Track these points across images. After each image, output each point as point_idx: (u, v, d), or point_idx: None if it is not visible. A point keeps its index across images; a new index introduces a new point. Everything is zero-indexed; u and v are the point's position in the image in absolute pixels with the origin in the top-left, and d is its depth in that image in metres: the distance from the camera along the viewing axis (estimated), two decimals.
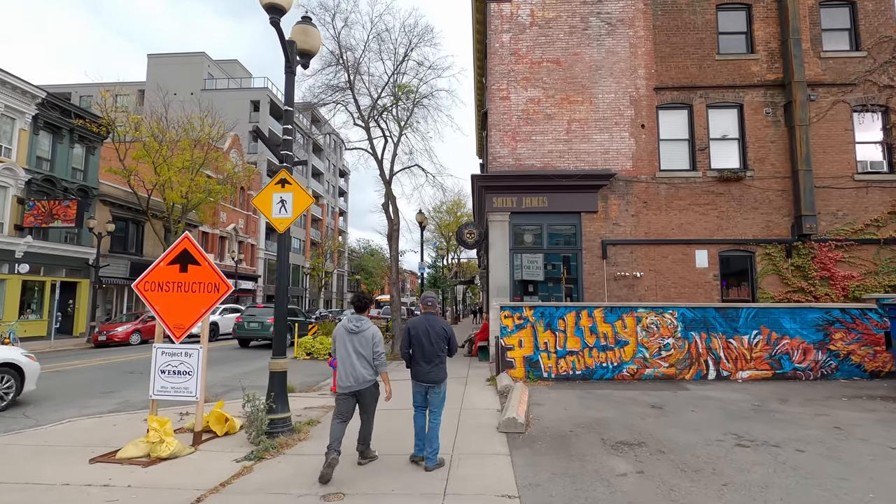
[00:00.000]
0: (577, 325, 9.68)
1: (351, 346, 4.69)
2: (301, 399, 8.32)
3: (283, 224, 6.03)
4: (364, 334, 4.71)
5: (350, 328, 4.73)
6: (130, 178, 22.58)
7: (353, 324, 4.74)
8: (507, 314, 9.83)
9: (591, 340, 9.64)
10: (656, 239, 12.92)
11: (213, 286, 5.56)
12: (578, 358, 9.61)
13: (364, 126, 15.12)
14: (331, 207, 66.54)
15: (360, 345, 4.69)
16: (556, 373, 9.61)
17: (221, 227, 37.51)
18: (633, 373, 9.52)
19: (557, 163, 13.29)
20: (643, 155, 13.23)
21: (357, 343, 4.69)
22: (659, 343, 9.56)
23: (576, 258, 13.06)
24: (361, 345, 4.69)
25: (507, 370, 9.67)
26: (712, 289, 12.72)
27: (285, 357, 5.96)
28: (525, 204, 13.10)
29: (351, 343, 4.70)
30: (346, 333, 4.75)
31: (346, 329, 4.76)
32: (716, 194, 13.02)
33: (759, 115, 13.24)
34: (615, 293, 12.80)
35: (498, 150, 13.46)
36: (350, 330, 4.73)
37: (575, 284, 12.99)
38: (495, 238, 13.05)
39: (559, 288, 13.02)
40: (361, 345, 4.69)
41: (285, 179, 6.08)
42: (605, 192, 13.13)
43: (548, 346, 9.68)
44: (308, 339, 15.01)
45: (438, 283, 35.34)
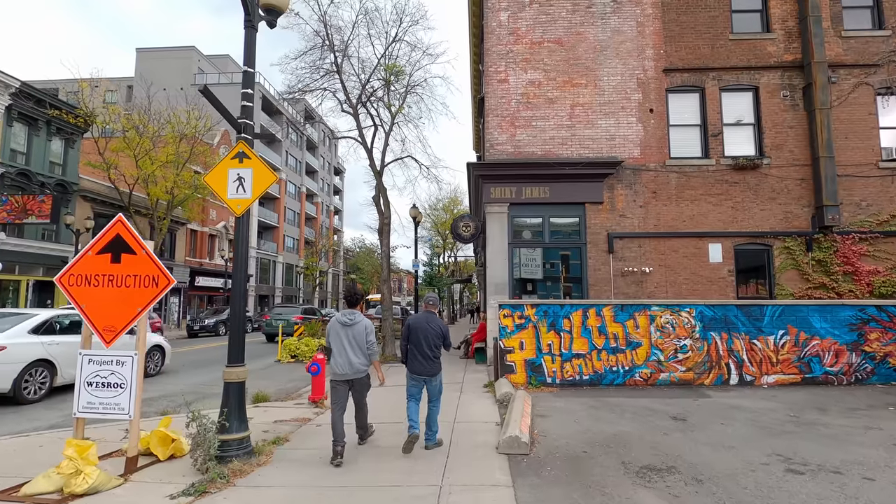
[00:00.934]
0: (585, 324, 8.73)
1: (345, 338, 5.00)
2: (273, 410, 7.34)
3: (240, 206, 5.04)
4: (357, 326, 5.03)
5: (344, 321, 5.05)
6: (110, 171, 21.50)
7: (347, 317, 5.07)
8: (506, 313, 8.87)
9: (599, 342, 8.69)
10: (666, 232, 11.99)
11: (151, 280, 4.57)
12: (586, 361, 8.66)
13: (352, 112, 14.13)
14: (325, 206, 65.48)
15: (354, 336, 5.00)
16: (562, 378, 8.66)
17: (211, 225, 36.44)
18: (647, 378, 8.58)
19: (560, 150, 12.34)
20: (652, 141, 12.29)
21: (351, 334, 5.00)
22: (675, 345, 8.62)
23: (580, 253, 12.11)
24: (355, 336, 5.00)
25: (507, 375, 8.71)
26: (727, 285, 11.80)
27: (243, 365, 4.98)
28: (525, 195, 12.15)
29: (345, 335, 5.01)
30: (341, 326, 5.04)
31: (341, 322, 5.06)
32: (730, 183, 12.09)
33: (776, 98, 12.32)
34: (622, 290, 11.86)
35: (495, 136, 12.50)
36: (344, 323, 5.04)
37: (579, 281, 12.05)
38: (493, 231, 12.09)
39: (561, 285, 12.07)
40: (355, 336, 5.00)
41: (243, 153, 5.11)
42: (612, 181, 12.19)
43: (552, 348, 8.73)
44: (292, 341, 14.02)
45: (434, 281, 34.38)
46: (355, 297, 5.41)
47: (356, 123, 14.27)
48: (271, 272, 48.68)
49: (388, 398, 7.45)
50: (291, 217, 54.25)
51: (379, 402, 6.79)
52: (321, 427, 6.22)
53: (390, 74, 13.35)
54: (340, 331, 5.03)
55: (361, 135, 14.28)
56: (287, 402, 8.17)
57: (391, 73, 13.34)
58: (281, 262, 50.19)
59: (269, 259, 48.29)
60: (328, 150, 67.11)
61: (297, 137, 55.88)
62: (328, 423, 5.12)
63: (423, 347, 5.16)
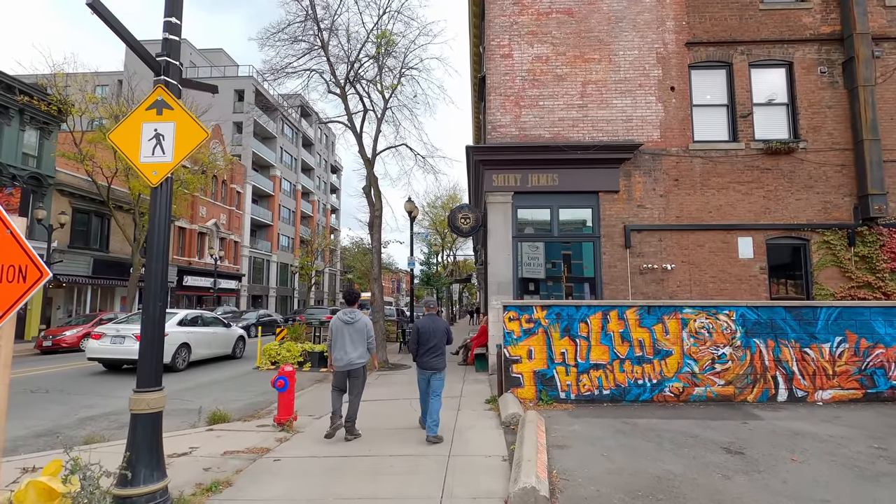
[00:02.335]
0: (605, 329, 7.40)
1: (347, 335, 5.61)
2: (228, 436, 5.99)
3: (157, 172, 3.71)
4: (357, 324, 5.65)
5: (346, 319, 5.67)
6: (84, 162, 20.13)
7: (348, 316, 5.69)
8: (511, 316, 7.54)
9: (622, 350, 7.35)
10: (690, 224, 10.67)
11: (18, 272, 3.23)
12: (606, 373, 7.32)
13: (340, 94, 12.79)
14: (322, 204, 64.13)
15: (355, 332, 5.60)
16: (577, 393, 7.32)
17: (201, 223, 35.07)
18: (679, 393, 7.24)
19: (570, 133, 11.02)
20: (673, 123, 10.97)
21: (351, 331, 5.60)
22: (712, 354, 7.29)
23: (593, 248, 10.79)
24: (356, 332, 5.60)
25: (513, 389, 7.38)
26: (758, 284, 10.48)
27: (159, 389, 3.64)
28: (531, 182, 10.83)
29: (347, 332, 5.61)
30: (343, 324, 5.65)
31: (342, 321, 5.67)
32: (761, 170, 10.77)
33: (813, 74, 11.00)
34: (641, 289, 10.54)
35: (498, 118, 11.18)
36: (345, 321, 5.65)
37: (592, 280, 10.72)
38: (495, 224, 10.77)
39: (576, 284, 10.75)
40: (356, 332, 5.60)
41: (163, 102, 3.77)
42: (629, 167, 10.87)
43: (566, 357, 7.39)
44: (273, 346, 12.67)
45: (432, 281, 33.04)
46: (353, 297, 6.05)
47: (344, 106, 12.93)
48: (265, 272, 47.32)
49: (381, 410, 6.12)
50: (286, 215, 52.90)
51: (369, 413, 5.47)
52: (280, 463, 4.88)
53: (381, 45, 11.99)
54: (342, 328, 5.67)
55: (350, 118, 12.94)
56: (250, 422, 6.82)
57: (382, 44, 11.98)
58: (275, 261, 48.83)
59: (263, 258, 46.94)
60: (325, 147, 65.76)
61: (292, 134, 54.56)
62: (291, 455, 4.94)
63: (430, 346, 5.78)
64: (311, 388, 9.85)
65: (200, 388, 9.80)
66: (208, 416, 6.73)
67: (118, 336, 11.51)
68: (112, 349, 11.44)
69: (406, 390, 9.02)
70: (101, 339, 11.66)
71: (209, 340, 13.50)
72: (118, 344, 11.37)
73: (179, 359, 12.04)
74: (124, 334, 11.44)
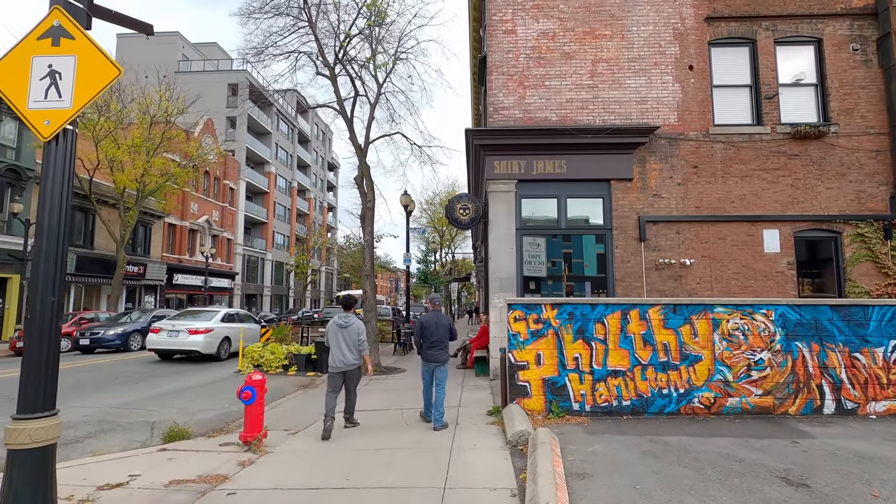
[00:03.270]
0: (624, 331, 6.45)
1: (341, 337, 5.97)
2: (182, 457, 5.03)
3: (51, 121, 2.76)
4: (351, 328, 6.00)
5: (340, 324, 6.03)
6: None
7: (343, 320, 6.07)
8: (517, 315, 6.59)
9: (644, 355, 6.41)
10: (711, 215, 9.74)
11: None
12: (626, 381, 6.38)
13: (329, 75, 11.83)
14: (318, 202, 63.13)
15: (348, 336, 5.97)
16: (593, 403, 6.38)
17: (192, 219, 34.07)
18: (710, 404, 6.31)
19: (579, 115, 10.08)
20: (692, 105, 10.04)
21: (346, 335, 5.97)
22: (747, 359, 6.35)
23: (604, 241, 9.86)
24: (349, 336, 5.97)
25: (519, 399, 6.44)
26: (786, 281, 9.55)
27: (52, 413, 2.68)
28: (537, 170, 9.89)
29: (341, 335, 5.97)
30: (338, 328, 6.01)
31: (338, 325, 6.03)
32: (789, 156, 9.84)
33: (845, 52, 10.07)
34: (657, 287, 9.61)
35: (500, 99, 10.23)
36: (340, 325, 6.02)
37: (603, 276, 9.79)
38: (497, 215, 9.83)
39: (579, 283, 9.83)
40: (349, 336, 5.97)
41: (62, 29, 2.81)
42: (643, 153, 9.94)
43: (580, 363, 6.45)
44: (256, 348, 11.71)
45: (429, 279, 32.09)
46: (350, 302, 6.45)
47: (334, 89, 11.98)
48: (259, 270, 46.32)
49: (368, 423, 5.19)
50: (282, 213, 51.90)
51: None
52: (235, 498, 3.93)
53: (371, 17, 11.03)
54: (337, 332, 5.96)
55: (340, 102, 11.98)
56: (214, 438, 5.86)
57: (373, 13, 11.01)
58: (270, 259, 47.84)
59: (258, 256, 45.94)
60: (321, 144, 64.76)
61: (287, 129, 53.56)
62: (251, 486, 4.21)
63: (434, 340, 6.17)
64: (294, 395, 8.89)
65: (169, 396, 8.83)
66: (165, 433, 5.78)
67: (174, 331, 13.39)
68: (169, 341, 13.28)
69: (398, 398, 8.07)
70: (159, 333, 13.57)
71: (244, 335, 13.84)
72: (174, 337, 13.06)
73: (222, 350, 13.82)
74: (178, 329, 13.37)
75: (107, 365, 12.98)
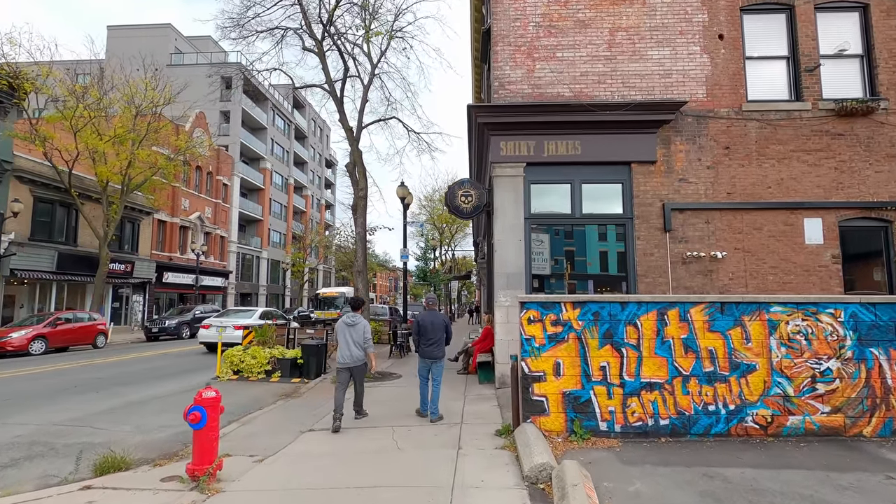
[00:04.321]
0: (661, 335, 5.34)
1: (348, 335, 6.38)
2: (105, 500, 3.91)
3: None
4: (357, 327, 6.42)
5: (348, 322, 6.45)
6: (38, 143, 18.01)
7: (350, 319, 6.48)
8: (532, 316, 5.47)
9: (685, 363, 5.30)
10: (745, 202, 8.64)
11: None
12: (664, 395, 5.27)
13: (317, 50, 10.71)
14: (316, 199, 61.96)
15: (355, 334, 6.39)
16: (624, 423, 5.27)
17: (183, 216, 32.91)
18: (766, 423, 5.20)
19: (595, 90, 8.97)
20: (722, 79, 8.92)
21: (353, 333, 6.39)
22: (811, 369, 5.24)
23: (625, 232, 8.75)
24: (356, 334, 6.38)
25: (534, 417, 5.32)
26: (830, 276, 8.45)
27: None
28: (547, 151, 8.78)
29: (348, 333, 6.39)
30: (345, 326, 6.43)
31: (345, 323, 6.45)
32: (832, 136, 8.74)
33: (894, 19, 8.96)
34: (684, 283, 8.51)
35: (506, 72, 9.12)
36: (348, 324, 6.43)
37: (623, 271, 8.69)
38: (503, 202, 8.73)
39: (608, 277, 8.73)
40: (356, 334, 6.38)
41: None
42: (668, 132, 8.83)
43: (607, 373, 5.33)
44: (236, 352, 10.58)
45: (429, 277, 30.96)
46: (357, 303, 7.07)
47: (322, 66, 10.86)
48: (255, 268, 45.16)
49: (351, 446, 4.06)
50: (278, 210, 50.74)
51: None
52: None
53: None
54: (345, 330, 6.43)
55: (329, 80, 10.86)
56: (157, 469, 4.73)
57: None
58: (266, 257, 46.68)
59: (253, 254, 44.79)
60: (318, 140, 63.59)
61: (284, 125, 52.40)
62: None
63: (430, 337, 6.67)
64: (273, 406, 7.77)
65: (131, 407, 7.71)
66: (97, 462, 4.66)
67: (221, 326, 14.82)
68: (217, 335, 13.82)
69: (390, 411, 6.96)
70: (209, 328, 15.36)
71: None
72: (221, 332, 13.53)
73: None
74: (225, 325, 14.97)
75: (85, 368, 11.88)
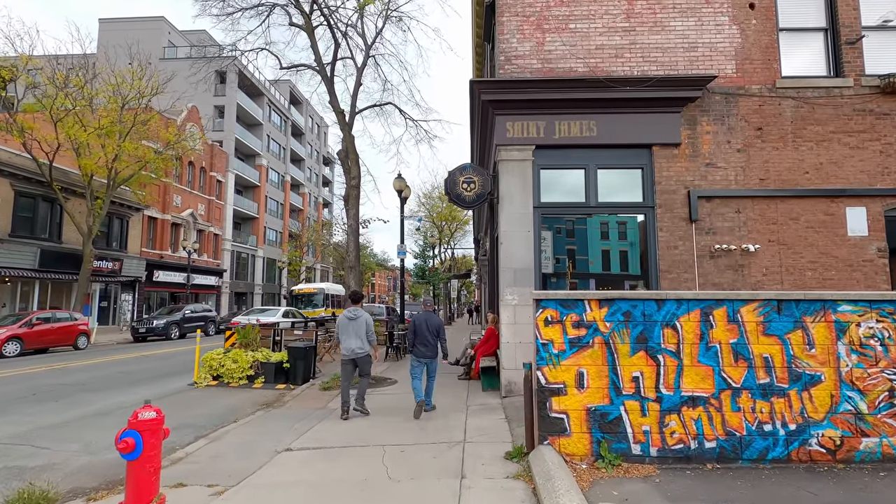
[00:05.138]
0: (706, 339, 4.44)
1: (351, 329, 6.66)
2: None
3: None
4: (358, 321, 6.70)
5: (350, 316, 6.71)
6: (15, 133, 17.08)
7: (352, 313, 6.74)
8: (550, 316, 4.56)
9: (735, 373, 4.40)
10: (779, 189, 7.74)
11: None
12: (710, 412, 4.37)
13: (304, 24, 9.80)
14: (313, 197, 61.02)
15: (357, 327, 6.66)
16: (662, 445, 4.36)
17: (175, 213, 31.96)
18: (834, 447, 4.29)
19: (612, 65, 8.07)
20: (753, 52, 8.03)
21: (355, 326, 6.67)
22: (889, 380, 4.35)
23: (645, 223, 7.85)
24: (358, 327, 6.66)
25: (552, 438, 4.41)
26: (876, 271, 7.56)
27: None
28: (559, 133, 7.88)
29: (351, 326, 6.66)
30: (347, 320, 6.71)
31: (347, 317, 6.73)
32: (877, 115, 7.85)
33: None
34: (712, 280, 7.61)
35: (513, 45, 8.21)
36: (349, 318, 6.71)
37: (644, 266, 7.79)
38: (510, 189, 7.82)
39: (625, 275, 7.84)
40: (358, 327, 6.66)
41: None
42: (693, 111, 7.93)
43: (641, 385, 4.43)
44: (216, 355, 9.66)
45: (427, 276, 30.05)
46: (357, 297, 7.22)
47: (311, 43, 9.94)
48: (250, 267, 44.20)
49: (333, 474, 3.12)
50: (274, 208, 49.76)
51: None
52: None
53: None
54: (347, 324, 6.70)
55: (318, 58, 9.95)
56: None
57: None
58: (261, 256, 45.72)
59: (248, 253, 43.83)
60: (316, 137, 62.62)
61: (280, 121, 51.44)
62: None
63: (425, 339, 6.85)
64: (250, 418, 6.85)
65: (83, 421, 6.77)
66: (10, 498, 3.74)
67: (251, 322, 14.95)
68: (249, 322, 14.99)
69: (383, 423, 6.04)
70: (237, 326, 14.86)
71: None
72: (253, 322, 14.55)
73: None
74: (252, 321, 15.53)
75: (54, 373, 10.94)
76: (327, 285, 33.43)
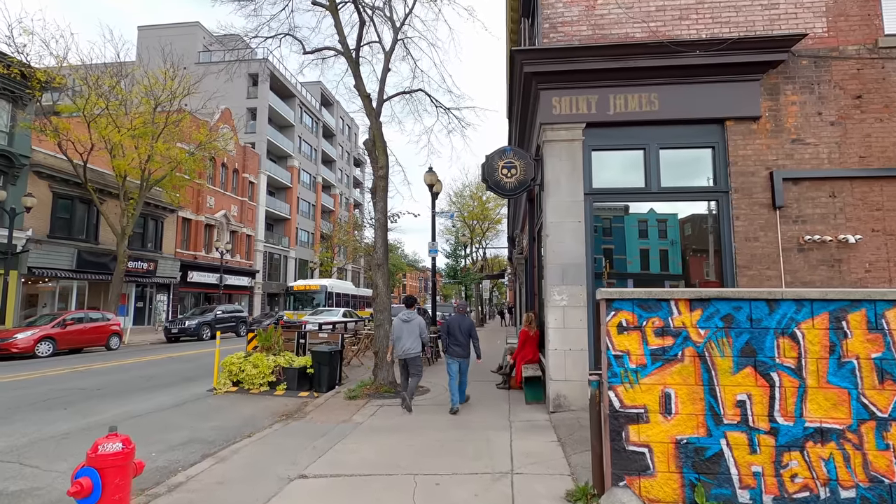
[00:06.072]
0: (837, 352, 3.34)
1: (406, 330, 7.20)
2: None
3: None
4: (412, 323, 7.24)
5: (404, 319, 7.26)
6: (50, 134, 17.16)
7: (406, 316, 7.29)
8: (625, 321, 3.57)
9: (880, 399, 3.29)
10: (884, 169, 6.46)
11: None
12: (845, 450, 3.27)
13: (328, 3, 9.07)
14: (344, 198, 61.12)
15: (411, 329, 7.21)
16: (779, 493, 3.29)
17: (208, 214, 32.19)
18: None
19: (676, 28, 6.96)
20: (849, 7, 6.76)
21: (409, 328, 7.21)
22: None
23: (718, 210, 6.71)
24: (412, 329, 7.21)
25: (630, 478, 3.41)
26: None
27: None
28: (614, 108, 6.83)
29: (406, 328, 7.20)
30: (402, 323, 7.25)
31: (402, 320, 7.26)
32: None
33: None
34: (801, 277, 6.40)
35: (559, 10, 7.20)
36: (404, 320, 7.24)
37: (717, 261, 6.65)
38: (557, 174, 6.82)
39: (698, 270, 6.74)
40: (412, 329, 7.21)
41: None
42: (775, 79, 6.73)
43: (748, 411, 3.37)
44: (236, 360, 9.02)
45: (459, 275, 29.09)
46: (411, 301, 7.82)
47: (334, 21, 9.22)
48: (282, 268, 44.39)
49: None
50: (306, 209, 49.94)
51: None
52: None
53: None
54: (403, 326, 7.24)
55: (342, 38, 9.21)
56: None
57: None
58: (293, 256, 45.89)
59: (280, 254, 44.02)
60: (347, 138, 62.74)
61: (311, 122, 51.65)
62: None
63: (458, 339, 7.25)
64: (266, 432, 6.10)
65: (86, 433, 6.15)
66: None
67: (315, 322, 16.59)
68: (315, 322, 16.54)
69: (415, 445, 5.14)
70: (306, 325, 15.69)
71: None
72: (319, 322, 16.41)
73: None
74: (319, 322, 16.67)
75: (76, 375, 10.62)
76: (331, 282, 30.34)
